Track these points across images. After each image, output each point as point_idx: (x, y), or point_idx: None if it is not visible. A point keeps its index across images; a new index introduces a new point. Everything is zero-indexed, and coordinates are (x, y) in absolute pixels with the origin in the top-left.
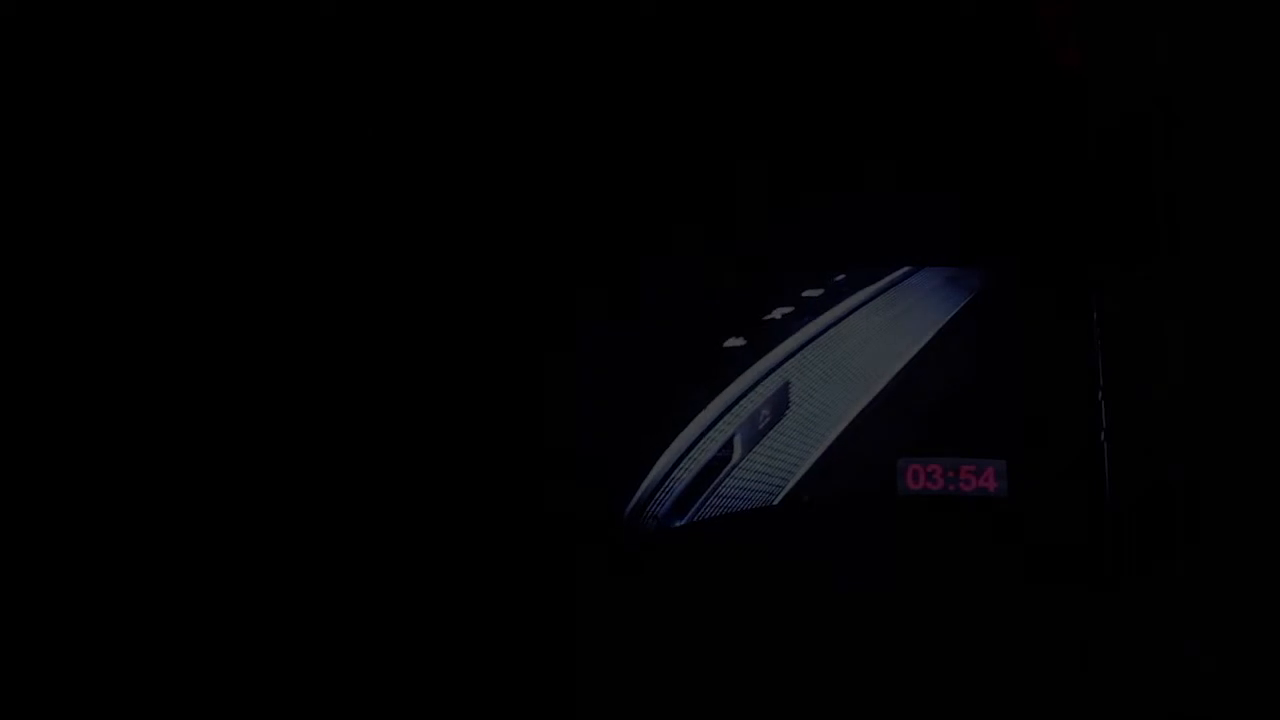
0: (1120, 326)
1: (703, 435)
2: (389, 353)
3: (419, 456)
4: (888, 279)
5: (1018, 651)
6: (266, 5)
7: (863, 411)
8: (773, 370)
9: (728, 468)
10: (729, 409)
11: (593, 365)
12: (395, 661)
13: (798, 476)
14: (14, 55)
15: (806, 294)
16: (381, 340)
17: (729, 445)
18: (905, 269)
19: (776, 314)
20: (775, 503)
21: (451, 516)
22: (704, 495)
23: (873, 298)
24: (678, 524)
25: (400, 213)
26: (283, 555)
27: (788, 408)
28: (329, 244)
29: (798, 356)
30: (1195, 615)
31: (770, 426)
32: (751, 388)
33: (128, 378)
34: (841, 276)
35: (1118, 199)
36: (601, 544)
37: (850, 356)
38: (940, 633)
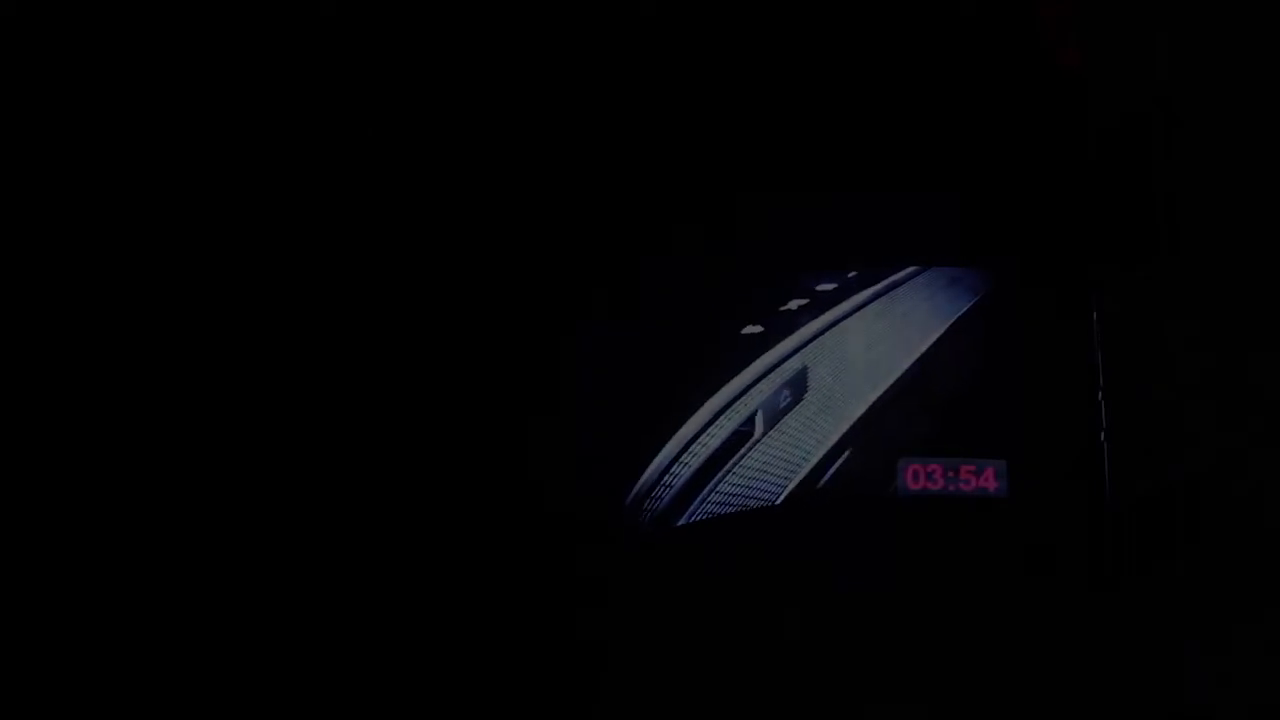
0: (1120, 326)
1: (721, 413)
2: (389, 353)
3: (419, 457)
4: (895, 278)
5: (1017, 651)
6: (266, 5)
7: (869, 409)
8: (791, 354)
9: (749, 443)
10: (750, 387)
11: (593, 365)
12: (395, 659)
13: (804, 471)
14: (14, 55)
15: (821, 288)
16: (381, 341)
17: (751, 421)
18: (911, 269)
19: (792, 305)
20: (777, 503)
21: (451, 516)
22: (714, 479)
23: (880, 295)
24: (679, 522)
25: (400, 213)
26: (284, 554)
27: (806, 391)
28: (330, 246)
29: (815, 343)
30: (1195, 615)
31: (791, 407)
32: (772, 369)
33: (131, 377)
34: (854, 274)
35: (1118, 199)
36: (601, 544)
37: (861, 352)
38: (940, 632)
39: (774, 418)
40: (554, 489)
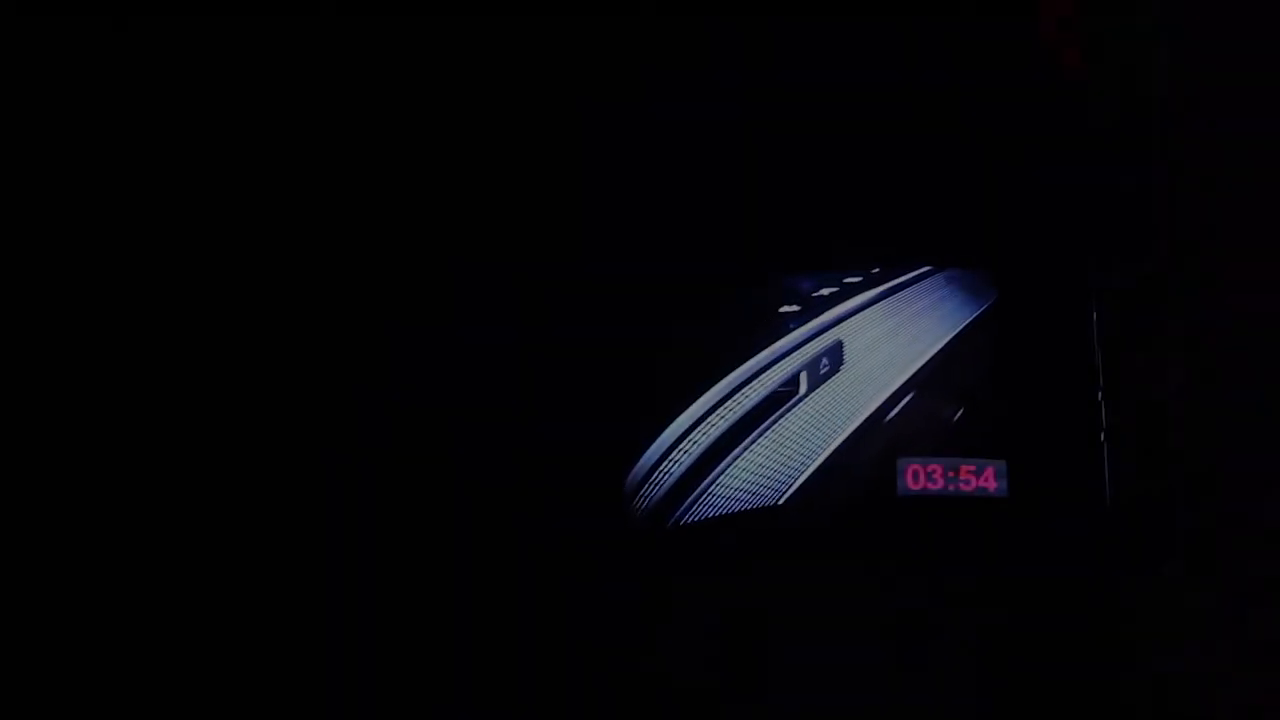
0: (1120, 327)
1: (753, 378)
2: (389, 352)
3: (417, 456)
4: (910, 276)
5: (1018, 651)
6: (266, 5)
7: (875, 410)
8: (832, 325)
9: (793, 401)
10: (793, 350)
11: (593, 364)
12: (392, 658)
13: (812, 468)
14: (14, 55)
15: (848, 280)
16: (381, 340)
17: (794, 381)
18: (923, 269)
19: (824, 291)
20: (779, 502)
21: (450, 516)
22: (747, 438)
23: (901, 289)
24: (677, 513)
25: (400, 214)
26: (280, 553)
27: (843, 364)
28: (328, 246)
29: (849, 321)
30: (1195, 615)
31: (830, 375)
32: (813, 337)
33: (133, 377)
34: (877, 269)
35: (1118, 199)
36: (601, 543)
37: (873, 347)
38: (940, 632)
39: (816, 381)
40: (554, 489)
